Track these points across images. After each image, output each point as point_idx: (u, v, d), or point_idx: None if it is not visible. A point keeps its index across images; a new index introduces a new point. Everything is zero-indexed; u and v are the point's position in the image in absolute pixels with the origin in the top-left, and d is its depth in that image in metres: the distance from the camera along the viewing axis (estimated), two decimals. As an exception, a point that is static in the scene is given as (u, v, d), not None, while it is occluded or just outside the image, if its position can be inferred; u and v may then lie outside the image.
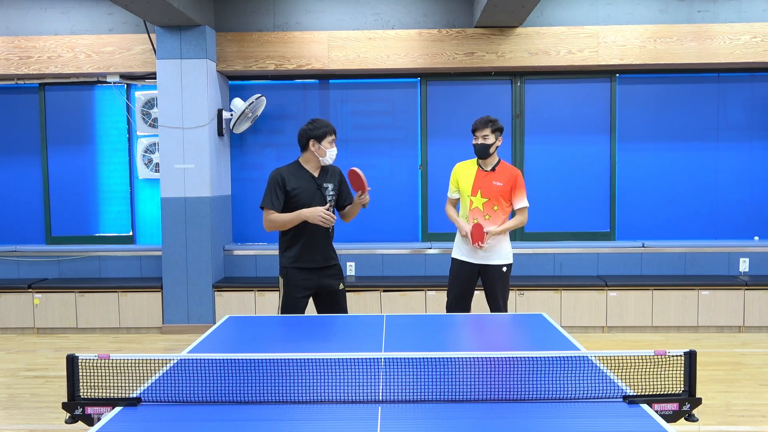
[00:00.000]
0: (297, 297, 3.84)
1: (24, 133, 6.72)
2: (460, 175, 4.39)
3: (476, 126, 4.25)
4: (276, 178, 3.79)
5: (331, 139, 3.81)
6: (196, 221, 6.08)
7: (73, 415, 2.27)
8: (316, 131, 3.78)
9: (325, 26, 6.20)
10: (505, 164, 4.36)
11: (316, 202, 3.81)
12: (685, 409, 2.28)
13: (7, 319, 6.24)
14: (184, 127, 6.02)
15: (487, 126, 4.21)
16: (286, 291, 3.87)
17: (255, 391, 2.30)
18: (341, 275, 4.01)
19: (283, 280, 3.89)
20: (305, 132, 3.82)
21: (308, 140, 3.80)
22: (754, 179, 6.50)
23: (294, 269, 3.84)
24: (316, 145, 3.79)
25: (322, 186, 3.86)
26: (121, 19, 6.26)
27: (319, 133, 3.78)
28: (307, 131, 3.81)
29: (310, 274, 3.86)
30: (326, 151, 3.80)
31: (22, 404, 4.37)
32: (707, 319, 5.98)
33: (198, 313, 6.14)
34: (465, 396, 2.28)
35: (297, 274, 3.84)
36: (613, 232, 6.55)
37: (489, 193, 4.24)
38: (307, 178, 3.83)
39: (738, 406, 4.18)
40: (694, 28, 6.03)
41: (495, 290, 4.30)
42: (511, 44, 6.09)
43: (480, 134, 4.23)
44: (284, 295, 3.88)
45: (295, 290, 3.84)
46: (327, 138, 3.79)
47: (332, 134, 3.81)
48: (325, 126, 3.81)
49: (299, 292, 3.85)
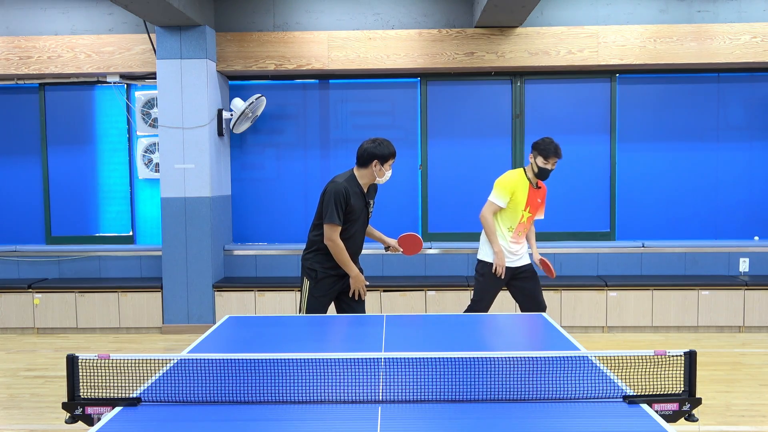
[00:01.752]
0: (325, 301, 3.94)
1: (24, 133, 6.72)
2: (518, 188, 4.49)
3: (554, 153, 4.38)
4: (342, 193, 3.76)
5: (392, 162, 3.87)
6: (196, 221, 6.08)
7: (73, 415, 2.27)
8: (383, 151, 3.80)
9: (325, 26, 6.20)
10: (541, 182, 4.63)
11: (362, 218, 3.92)
12: (685, 409, 2.28)
13: (7, 319, 6.24)
14: (184, 127, 6.02)
15: (560, 155, 4.42)
16: (313, 293, 3.92)
17: (255, 391, 2.30)
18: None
19: (310, 283, 3.92)
20: (371, 150, 3.80)
21: (372, 159, 3.81)
22: (754, 179, 6.50)
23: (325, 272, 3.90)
24: (378, 166, 3.83)
25: (369, 203, 3.98)
26: (121, 19, 6.26)
27: (385, 154, 3.81)
28: (372, 150, 3.80)
29: (341, 281, 3.95)
30: (385, 173, 3.87)
31: (22, 404, 4.37)
32: (707, 319, 5.97)
33: (198, 313, 6.14)
34: (465, 396, 2.28)
35: (330, 279, 3.92)
36: (613, 232, 6.55)
37: (534, 209, 4.58)
38: (360, 195, 3.89)
39: (738, 406, 4.18)
40: (694, 28, 6.03)
41: (535, 288, 4.58)
42: (511, 44, 6.09)
43: (553, 161, 4.41)
44: (311, 297, 3.92)
45: (324, 294, 3.92)
46: (390, 161, 3.85)
47: (394, 157, 3.87)
48: (389, 149, 3.83)
49: (328, 296, 3.94)
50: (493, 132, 6.47)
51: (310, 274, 3.91)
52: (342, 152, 6.61)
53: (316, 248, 3.90)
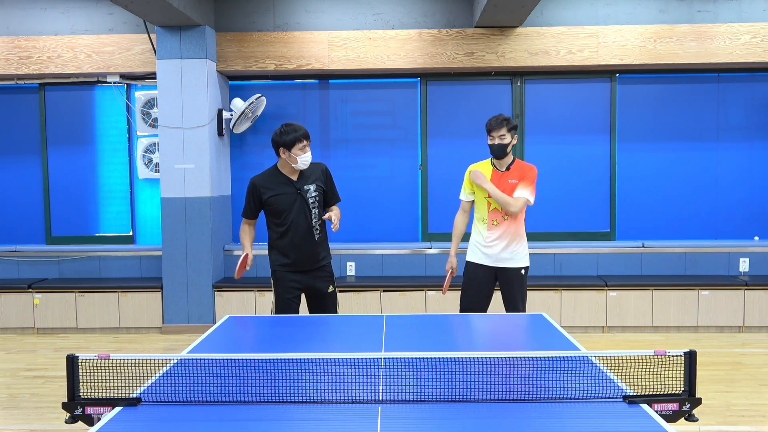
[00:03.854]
0: (288, 297, 3.84)
1: (24, 133, 6.72)
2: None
3: (492, 125, 4.11)
4: (250, 188, 3.81)
5: (302, 145, 3.69)
6: (196, 221, 6.08)
7: (73, 415, 2.27)
8: (285, 137, 3.68)
9: (325, 26, 6.20)
10: (521, 162, 4.23)
11: (297, 206, 3.76)
12: (685, 409, 2.28)
13: (7, 319, 6.24)
14: (184, 127, 6.02)
15: (503, 125, 4.08)
16: (277, 292, 3.88)
17: (255, 391, 2.30)
18: (332, 278, 3.96)
19: (273, 281, 3.90)
20: (274, 139, 3.75)
21: (278, 148, 3.74)
22: (754, 179, 6.50)
23: (282, 271, 3.85)
24: (286, 153, 3.72)
25: (303, 189, 3.80)
26: (121, 19, 6.26)
27: (288, 140, 3.68)
28: (275, 139, 3.74)
29: (299, 276, 3.86)
30: (297, 158, 3.71)
31: (22, 404, 4.37)
32: (707, 319, 5.98)
33: (198, 313, 6.14)
34: (465, 396, 2.28)
35: (285, 275, 3.84)
36: (613, 232, 6.55)
37: (506, 192, 4.11)
38: (285, 183, 3.79)
39: (738, 406, 4.18)
40: (694, 28, 6.03)
41: (514, 293, 4.23)
42: (511, 44, 6.09)
43: (496, 134, 4.09)
44: (276, 296, 3.89)
45: (285, 291, 3.85)
46: (297, 145, 3.68)
47: (303, 140, 3.69)
48: (295, 131, 3.68)
49: (289, 293, 3.84)
50: (493, 132, 6.46)
51: (272, 273, 3.91)
52: (342, 152, 6.61)
53: (271, 249, 3.91)
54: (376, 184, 6.57)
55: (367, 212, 6.45)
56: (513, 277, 4.22)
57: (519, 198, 4.09)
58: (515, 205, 4.07)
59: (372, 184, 6.62)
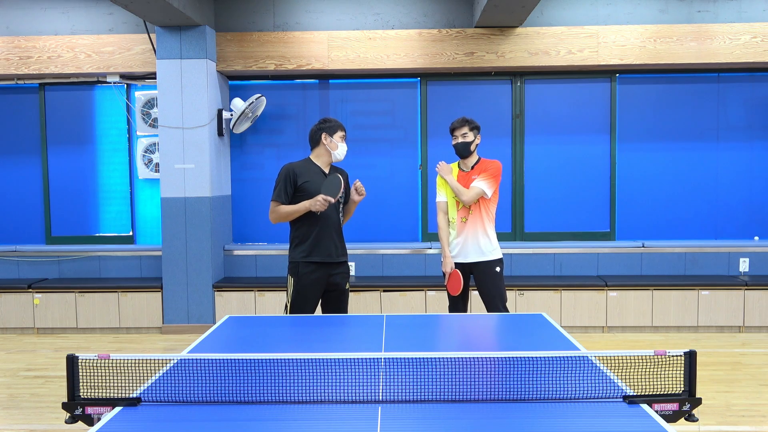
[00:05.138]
0: (308, 296, 3.85)
1: (24, 133, 6.72)
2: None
3: (454, 126, 4.33)
4: (287, 172, 3.89)
5: (342, 134, 3.96)
6: (196, 221, 6.08)
7: (73, 415, 2.27)
8: (329, 124, 3.96)
9: (325, 26, 6.21)
10: (486, 160, 4.36)
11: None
12: (685, 409, 2.28)
13: (7, 319, 6.24)
14: (184, 127, 6.02)
15: (465, 125, 4.28)
16: (297, 289, 3.86)
17: (255, 391, 2.30)
18: (348, 275, 4.06)
19: (293, 279, 3.88)
20: (318, 126, 3.97)
21: (320, 133, 3.93)
22: (754, 179, 6.50)
23: (306, 263, 3.85)
24: (328, 139, 3.92)
25: None
26: (121, 19, 6.26)
27: (332, 125, 3.96)
28: (319, 125, 3.97)
29: (322, 270, 3.87)
30: (337, 144, 3.93)
31: (22, 404, 4.37)
32: (707, 319, 5.98)
33: (198, 313, 6.14)
34: (465, 396, 2.28)
35: (309, 269, 3.85)
36: (613, 232, 6.55)
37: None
38: (317, 173, 3.91)
39: (738, 406, 4.18)
40: (694, 28, 6.03)
41: (489, 289, 4.26)
42: (511, 44, 6.09)
43: (459, 133, 4.29)
44: (295, 293, 3.87)
45: (307, 288, 3.85)
46: (338, 132, 3.95)
47: (343, 130, 3.98)
48: (336, 122, 3.99)
49: (311, 291, 3.85)
50: (493, 132, 6.47)
51: (293, 269, 3.89)
52: (342, 152, 6.60)
53: (296, 243, 3.91)
54: (377, 184, 6.56)
55: (368, 212, 6.44)
56: (486, 272, 4.27)
57: (473, 188, 4.22)
58: (467, 195, 4.20)
59: (372, 184, 6.58)
